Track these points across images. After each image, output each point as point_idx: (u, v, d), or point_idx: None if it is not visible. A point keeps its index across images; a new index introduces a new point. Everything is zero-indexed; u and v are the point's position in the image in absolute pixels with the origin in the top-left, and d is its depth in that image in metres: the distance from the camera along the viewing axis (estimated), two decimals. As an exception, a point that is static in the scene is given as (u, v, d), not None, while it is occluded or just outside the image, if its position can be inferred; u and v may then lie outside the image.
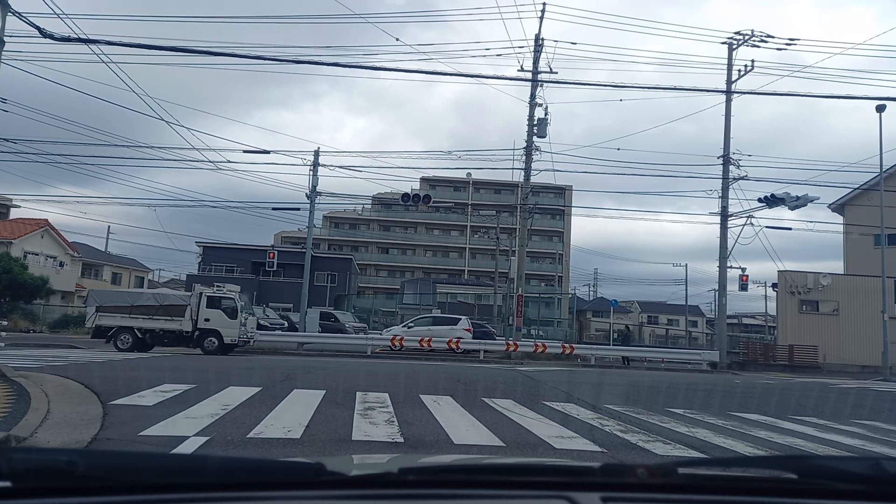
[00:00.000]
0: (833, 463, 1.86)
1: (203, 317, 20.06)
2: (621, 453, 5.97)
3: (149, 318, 19.95)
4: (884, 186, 25.11)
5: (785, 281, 28.40)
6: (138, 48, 13.63)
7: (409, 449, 5.79)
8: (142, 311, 20.01)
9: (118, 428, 6.09)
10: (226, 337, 20.01)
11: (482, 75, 29.76)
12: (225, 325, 20.06)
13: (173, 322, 19.97)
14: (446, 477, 1.48)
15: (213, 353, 19.40)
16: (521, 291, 25.50)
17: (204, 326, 20.00)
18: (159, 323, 19.99)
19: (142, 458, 1.94)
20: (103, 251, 52.49)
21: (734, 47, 25.52)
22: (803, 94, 22.90)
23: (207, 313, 20.11)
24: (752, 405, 10.81)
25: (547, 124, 24.65)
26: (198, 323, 20.01)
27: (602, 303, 60.45)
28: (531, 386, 12.57)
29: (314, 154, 26.08)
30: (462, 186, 68.18)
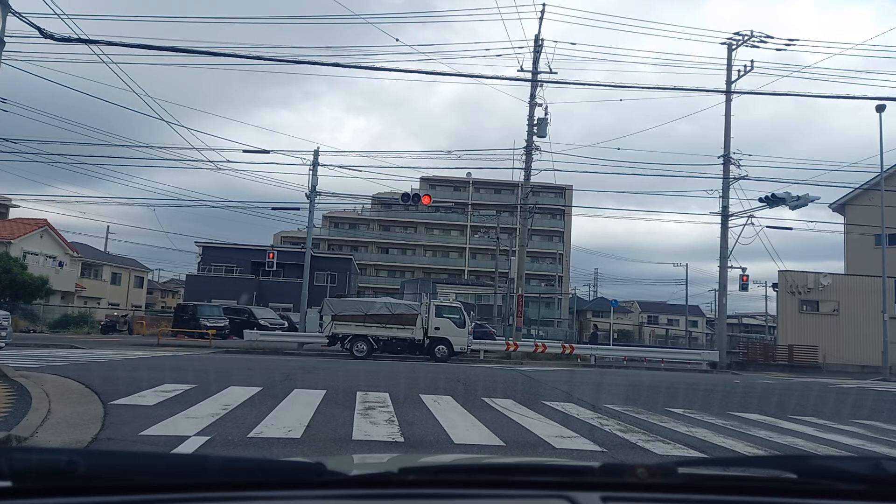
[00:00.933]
0: (833, 463, 1.86)
1: (433, 325, 20.81)
2: (621, 453, 5.97)
3: (382, 327, 20.70)
4: (884, 186, 25.11)
5: (785, 281, 28.40)
6: (138, 48, 13.63)
7: (409, 449, 5.79)
8: (375, 319, 20.73)
9: (119, 428, 6.09)
10: (455, 345, 20.85)
11: (482, 75, 29.80)
12: (454, 334, 20.90)
13: (405, 330, 20.71)
14: (446, 477, 1.48)
15: (442, 361, 20.19)
16: (521, 291, 25.50)
17: (434, 335, 20.75)
18: (391, 331, 20.75)
19: (142, 458, 1.94)
20: (103, 251, 52.46)
21: (734, 48, 25.52)
22: (803, 94, 23.01)
23: (437, 322, 20.88)
24: (751, 405, 10.81)
25: (547, 124, 24.65)
26: (428, 331, 20.73)
27: (602, 303, 60.44)
28: (531, 386, 12.57)
29: (314, 154, 26.10)
30: (462, 186, 68.17)
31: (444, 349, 20.68)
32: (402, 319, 20.71)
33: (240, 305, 36.65)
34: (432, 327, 20.78)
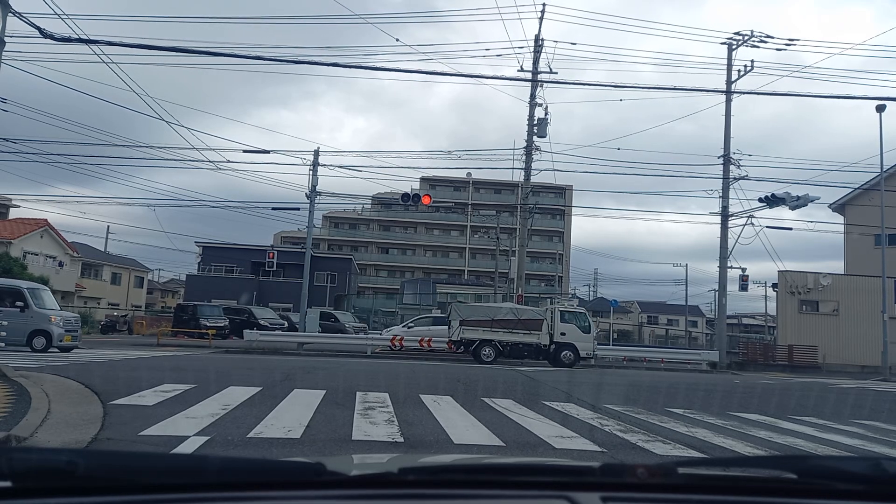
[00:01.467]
0: (833, 463, 1.86)
1: (559, 331, 20.92)
2: (621, 453, 5.97)
3: (508, 332, 20.86)
4: (884, 186, 25.11)
5: (785, 281, 28.40)
6: (138, 48, 13.63)
7: (409, 449, 5.79)
8: (501, 324, 20.88)
9: (118, 428, 6.09)
10: (581, 350, 20.99)
11: (482, 75, 29.81)
12: (580, 339, 21.05)
13: (531, 336, 20.83)
14: (446, 477, 1.48)
15: (568, 366, 20.31)
16: (521, 291, 25.51)
17: (560, 340, 20.86)
18: (518, 336, 20.88)
19: (142, 458, 1.94)
20: (103, 251, 52.46)
21: (734, 47, 25.54)
22: (803, 95, 22.99)
23: (563, 327, 21.01)
24: (751, 405, 10.82)
25: (547, 124, 24.67)
26: (554, 337, 20.83)
27: (602, 303, 60.41)
28: (531, 386, 12.57)
29: (314, 154, 26.09)
30: (462, 186, 68.17)
31: (571, 354, 20.87)
32: (528, 325, 20.94)
33: (240, 305, 36.66)
34: (558, 332, 20.95)
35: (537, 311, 22.11)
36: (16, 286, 17.75)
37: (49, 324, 16.81)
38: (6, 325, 16.03)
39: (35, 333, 16.61)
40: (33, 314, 16.73)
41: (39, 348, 16.44)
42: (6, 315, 16.50)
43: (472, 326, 20.91)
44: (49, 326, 16.76)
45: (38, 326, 16.68)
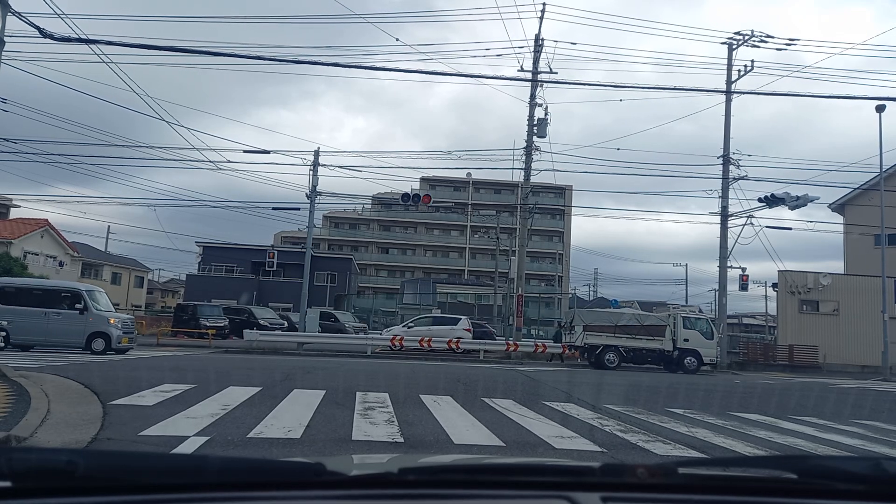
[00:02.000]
0: (833, 463, 1.86)
1: (682, 337, 21.01)
2: (621, 453, 5.97)
3: (631, 338, 20.98)
4: (884, 186, 25.11)
5: (785, 281, 28.40)
6: (138, 48, 13.63)
7: (409, 449, 5.79)
8: (624, 330, 21.03)
9: (118, 428, 6.09)
10: (704, 356, 21.08)
11: (482, 75, 29.80)
12: (703, 345, 21.13)
13: (654, 341, 20.96)
14: (446, 477, 1.48)
15: (692, 373, 20.41)
16: (521, 291, 25.49)
17: (683, 346, 20.95)
18: (641, 342, 21.02)
19: (142, 458, 1.94)
20: (103, 251, 52.49)
21: (734, 47, 25.51)
22: (803, 95, 22.99)
23: (685, 333, 21.11)
24: (752, 405, 10.82)
25: (547, 124, 24.65)
26: (677, 343, 20.92)
27: (602, 303, 60.40)
28: (531, 386, 12.57)
29: (314, 154, 26.08)
30: (462, 186, 68.17)
31: (694, 360, 20.95)
32: (651, 331, 21.10)
33: (240, 305, 36.64)
34: (681, 339, 21.04)
35: (660, 317, 22.18)
36: (75, 288, 17.88)
37: (108, 326, 16.90)
38: (65, 328, 16.37)
39: (94, 336, 16.69)
40: (92, 316, 16.81)
41: (98, 350, 16.53)
42: (65, 318, 16.71)
43: (596, 332, 21.07)
44: (108, 328, 16.85)
45: (97, 329, 16.75)
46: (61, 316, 16.72)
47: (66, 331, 16.63)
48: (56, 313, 16.77)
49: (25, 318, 16.55)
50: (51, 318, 16.68)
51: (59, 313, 16.76)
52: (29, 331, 16.61)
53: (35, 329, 16.59)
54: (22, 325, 16.53)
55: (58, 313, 16.77)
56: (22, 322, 16.52)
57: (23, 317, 16.57)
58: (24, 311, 16.64)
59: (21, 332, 16.61)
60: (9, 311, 16.65)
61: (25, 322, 16.52)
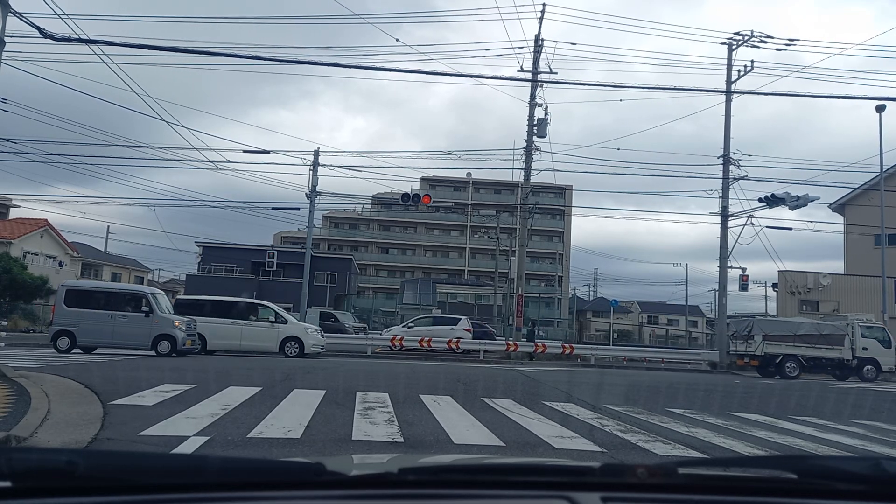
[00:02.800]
0: (833, 463, 1.86)
1: (860, 346, 21.23)
2: (621, 453, 5.97)
3: (810, 347, 21.14)
4: (884, 186, 25.14)
5: (785, 281, 28.42)
6: (138, 48, 13.63)
7: (409, 449, 5.79)
8: (803, 339, 21.18)
9: (118, 428, 6.09)
10: (883, 365, 21.26)
11: (482, 75, 29.80)
12: (881, 354, 21.34)
13: (833, 350, 21.14)
14: (446, 477, 1.48)
15: (869, 381, 20.57)
16: (521, 291, 25.50)
17: (862, 355, 21.18)
18: (820, 351, 21.18)
19: (142, 458, 1.94)
20: (103, 251, 52.48)
21: (734, 48, 25.51)
22: (803, 95, 22.97)
23: (864, 342, 21.30)
24: (752, 405, 10.81)
25: (547, 124, 24.65)
26: (856, 352, 21.13)
27: (602, 303, 60.47)
28: (531, 386, 12.57)
29: (314, 154, 26.10)
30: (462, 186, 68.17)
31: (873, 369, 21.10)
32: (830, 340, 21.24)
33: None
34: (860, 347, 21.20)
35: (838, 327, 22.17)
36: (140, 291, 18.04)
37: (173, 328, 17.02)
38: (132, 331, 16.61)
39: (160, 338, 16.81)
40: (158, 319, 16.94)
41: (164, 353, 16.64)
42: (131, 320, 16.85)
43: (776, 342, 21.19)
44: (173, 331, 16.97)
45: (162, 331, 16.87)
46: (127, 318, 16.88)
47: (132, 333, 16.76)
48: (122, 316, 16.93)
49: (92, 320, 16.70)
50: (117, 321, 16.82)
51: (126, 316, 16.91)
52: (95, 333, 16.74)
53: (101, 331, 16.72)
54: (88, 327, 16.66)
55: (124, 316, 16.92)
56: (88, 324, 16.66)
57: (89, 319, 16.71)
58: (90, 314, 16.79)
59: (88, 334, 16.74)
60: (76, 314, 16.79)
61: (92, 324, 16.66)
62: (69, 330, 16.72)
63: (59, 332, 16.83)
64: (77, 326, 16.68)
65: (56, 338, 16.79)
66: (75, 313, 16.78)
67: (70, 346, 16.66)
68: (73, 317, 16.76)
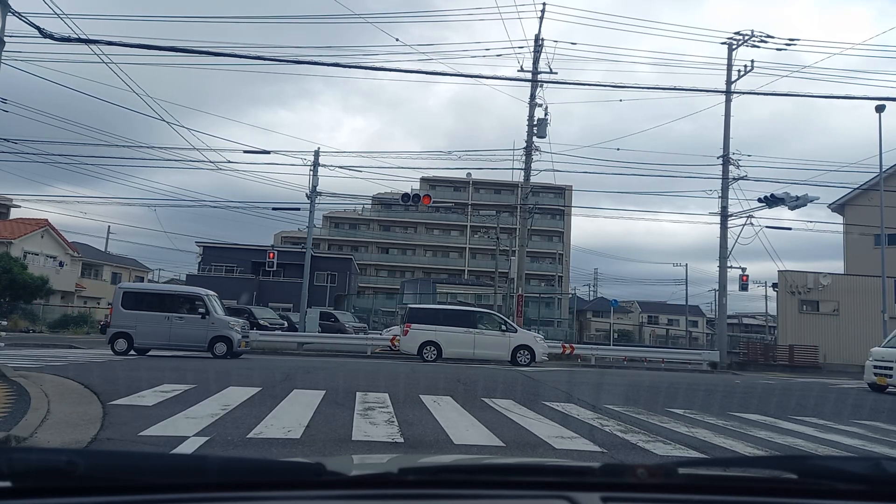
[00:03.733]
0: (833, 463, 1.86)
1: None
2: (621, 453, 5.97)
3: None
4: (884, 186, 25.13)
5: (785, 281, 28.41)
6: (138, 48, 13.64)
7: (409, 449, 5.79)
8: None
9: (118, 428, 6.08)
10: None
11: (482, 75, 29.81)
12: None
13: None
14: (446, 477, 1.48)
15: None
16: (521, 291, 25.50)
17: None
18: None
19: (142, 458, 1.94)
20: (103, 251, 52.50)
21: (734, 47, 25.53)
22: (803, 95, 23.01)
23: None
24: (752, 405, 10.81)
25: (547, 124, 24.65)
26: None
27: (602, 303, 60.46)
28: (531, 386, 12.56)
29: (314, 154, 26.10)
30: (462, 186, 68.18)
31: None
32: None
33: (240, 305, 36.61)
34: None
35: None
36: (197, 293, 18.01)
37: (229, 330, 17.09)
38: (189, 333, 16.72)
39: (216, 340, 16.87)
40: (214, 320, 17.02)
41: (220, 354, 16.69)
42: (188, 322, 16.90)
43: None
44: (229, 332, 17.03)
45: (218, 333, 16.93)
46: (184, 320, 16.92)
47: (189, 335, 16.80)
48: (179, 318, 16.97)
49: (149, 322, 16.75)
50: (174, 323, 16.87)
51: (182, 318, 16.96)
52: (152, 335, 16.78)
53: (158, 333, 16.77)
54: (145, 329, 16.71)
55: (180, 318, 16.97)
56: (146, 326, 16.71)
57: (146, 321, 16.75)
58: (147, 316, 16.83)
59: (145, 336, 16.77)
60: (133, 316, 16.82)
61: (149, 326, 16.71)
62: (126, 332, 16.73)
63: (116, 334, 16.85)
64: (134, 328, 16.70)
65: (113, 340, 16.81)
66: (132, 315, 16.80)
67: (127, 348, 16.69)
68: (130, 319, 16.77)
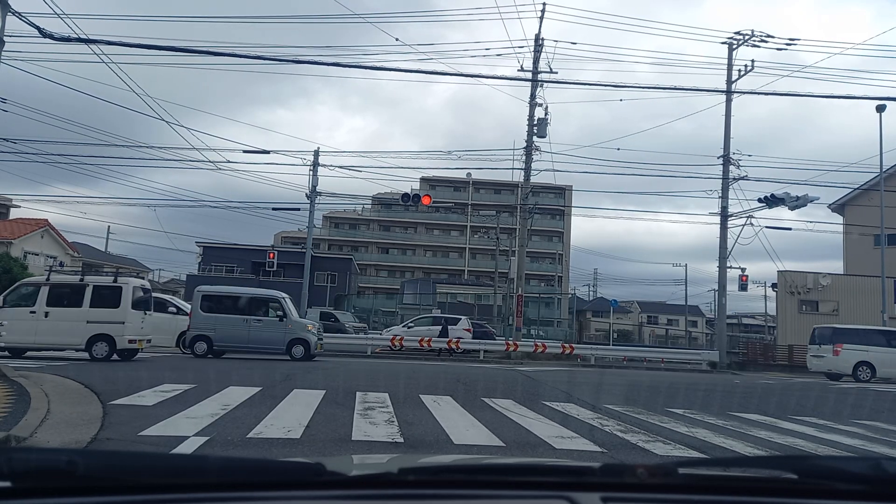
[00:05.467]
0: (833, 463, 1.86)
1: None
2: (621, 453, 5.97)
3: None
4: (884, 186, 25.13)
5: (785, 281, 28.42)
6: (138, 48, 13.64)
7: (409, 449, 5.79)
8: None
9: (118, 428, 6.09)
10: None
11: (482, 75, 29.81)
12: None
13: None
14: (446, 477, 1.48)
15: None
16: (521, 291, 25.49)
17: None
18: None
19: (142, 458, 1.94)
20: (103, 251, 52.50)
21: (734, 47, 25.52)
22: (804, 95, 22.92)
23: None
24: (751, 405, 10.81)
25: (547, 124, 24.63)
26: None
27: (602, 303, 60.44)
28: (531, 386, 12.57)
29: (314, 154, 26.10)
30: (462, 186, 68.18)
31: None
32: None
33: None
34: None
35: None
36: (275, 296, 17.96)
37: (307, 332, 17.10)
38: (267, 335, 16.70)
39: (294, 342, 16.87)
40: (292, 323, 17.02)
41: (298, 357, 16.72)
42: (266, 325, 16.92)
43: None
44: (307, 335, 17.04)
45: (296, 335, 16.93)
46: (262, 323, 16.93)
47: (267, 337, 16.80)
48: (257, 320, 16.98)
49: (228, 325, 16.76)
50: (252, 325, 16.86)
51: (260, 320, 16.97)
52: (231, 338, 16.82)
53: (237, 336, 16.80)
54: (224, 332, 16.73)
55: (258, 320, 16.98)
56: (224, 329, 16.73)
57: (225, 324, 16.77)
58: (225, 319, 16.84)
59: (223, 339, 16.81)
60: (211, 319, 16.84)
61: (228, 329, 16.74)
62: (206, 335, 16.75)
63: (196, 336, 16.87)
64: (213, 331, 16.73)
65: (193, 343, 16.85)
66: (211, 318, 16.83)
67: (207, 351, 16.72)
68: (209, 321, 16.80)
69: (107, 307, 14.40)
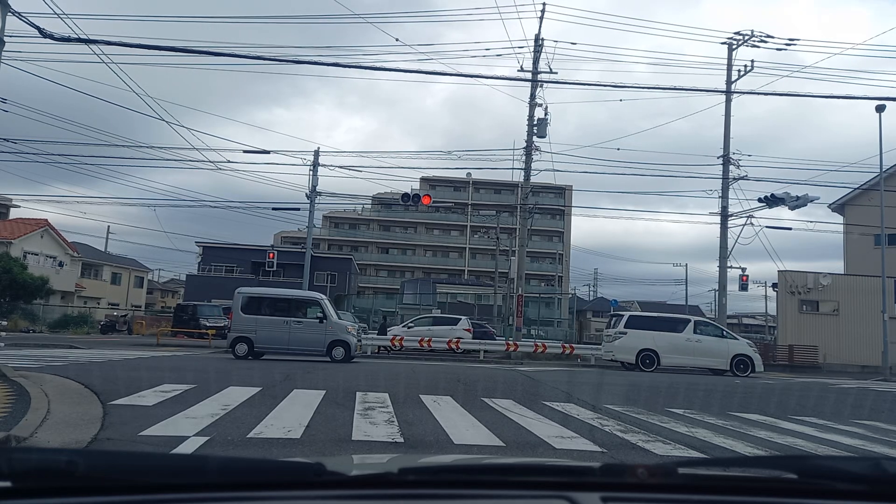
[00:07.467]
0: (833, 463, 1.86)
1: None
2: (621, 453, 5.97)
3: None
4: (884, 186, 25.11)
5: (785, 281, 28.41)
6: (138, 48, 13.63)
7: (409, 449, 5.79)
8: None
9: (118, 428, 6.08)
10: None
11: (482, 75, 29.80)
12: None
13: None
14: (446, 477, 1.48)
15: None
16: (521, 291, 25.49)
17: None
18: None
19: (142, 458, 1.94)
20: (103, 251, 52.51)
21: (734, 47, 25.53)
22: (803, 95, 22.98)
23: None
24: (752, 405, 10.81)
25: (547, 124, 24.64)
26: None
27: (602, 303, 60.51)
28: (531, 386, 12.56)
29: (314, 154, 26.09)
30: (462, 186, 68.19)
31: None
32: None
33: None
34: None
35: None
36: (315, 298, 17.99)
37: (347, 334, 17.12)
38: (307, 337, 16.72)
39: (334, 344, 16.91)
40: (332, 325, 17.05)
41: (339, 359, 16.75)
42: (306, 326, 16.94)
43: None
44: (347, 337, 17.06)
45: (336, 337, 16.96)
46: (302, 325, 16.95)
47: (308, 339, 16.83)
48: (297, 322, 17.00)
49: (269, 327, 16.81)
50: (292, 327, 16.90)
51: (301, 322, 16.99)
52: (271, 339, 16.86)
53: (278, 338, 16.84)
54: (265, 333, 16.79)
55: (299, 322, 17.00)
56: (265, 331, 16.78)
57: (265, 326, 16.82)
58: (266, 321, 16.89)
59: (264, 340, 16.84)
60: (252, 321, 16.89)
61: (268, 331, 16.78)
62: (247, 336, 16.79)
63: (237, 338, 16.93)
64: (254, 333, 16.77)
65: (234, 344, 16.92)
66: (252, 320, 16.89)
67: (248, 352, 16.76)
68: (251, 323, 16.85)
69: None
